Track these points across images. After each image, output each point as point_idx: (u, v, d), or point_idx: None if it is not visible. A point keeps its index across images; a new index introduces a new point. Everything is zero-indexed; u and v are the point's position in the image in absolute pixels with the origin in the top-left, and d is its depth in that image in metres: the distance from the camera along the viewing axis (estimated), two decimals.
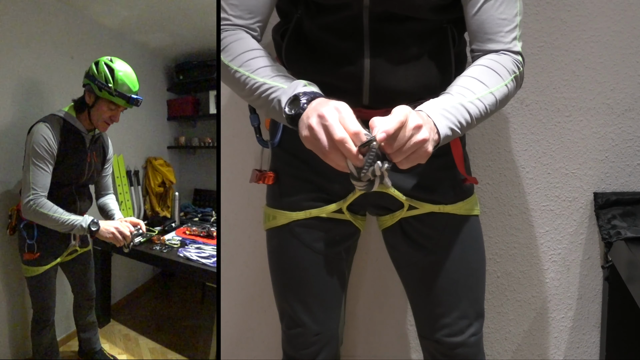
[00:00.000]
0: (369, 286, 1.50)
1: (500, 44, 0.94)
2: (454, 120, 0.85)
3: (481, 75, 0.91)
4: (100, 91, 1.62)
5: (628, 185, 1.40)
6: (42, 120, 1.63)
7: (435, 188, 1.05)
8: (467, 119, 0.87)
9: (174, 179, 3.31)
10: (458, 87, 0.90)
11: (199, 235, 2.36)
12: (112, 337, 2.52)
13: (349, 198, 1.05)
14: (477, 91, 0.89)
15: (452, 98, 0.88)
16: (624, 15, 1.32)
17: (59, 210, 1.59)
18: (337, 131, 0.75)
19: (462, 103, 0.87)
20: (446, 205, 1.05)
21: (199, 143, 3.49)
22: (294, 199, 1.06)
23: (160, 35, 2.90)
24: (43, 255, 1.74)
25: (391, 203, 1.05)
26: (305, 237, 1.06)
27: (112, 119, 1.70)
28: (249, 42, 0.94)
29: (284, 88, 0.87)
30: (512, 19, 0.94)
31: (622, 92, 1.35)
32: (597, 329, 1.46)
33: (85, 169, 1.76)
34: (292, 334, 1.10)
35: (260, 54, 0.93)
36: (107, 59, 1.66)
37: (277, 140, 1.08)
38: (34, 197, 1.56)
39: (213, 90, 3.21)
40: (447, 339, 1.06)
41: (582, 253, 1.44)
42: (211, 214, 3.01)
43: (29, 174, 1.58)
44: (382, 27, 0.95)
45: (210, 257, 2.00)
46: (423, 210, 1.04)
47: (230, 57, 0.93)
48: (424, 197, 1.04)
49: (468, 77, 0.91)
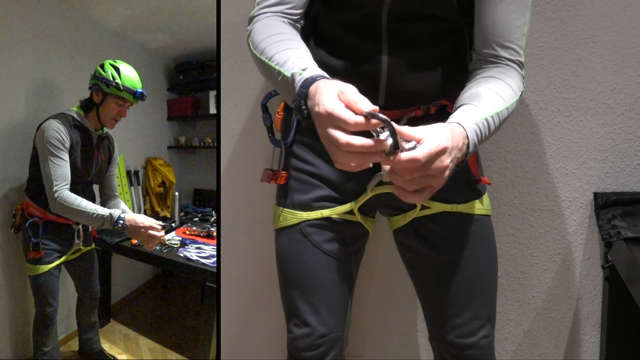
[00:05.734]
0: (378, 286, 1.51)
1: (512, 53, 0.94)
2: (479, 135, 0.83)
3: (500, 89, 0.90)
4: (109, 87, 1.72)
5: (628, 185, 1.40)
6: (53, 117, 1.68)
7: (448, 187, 1.03)
8: (486, 134, 0.86)
9: (174, 179, 3.31)
10: (483, 99, 0.88)
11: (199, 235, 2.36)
12: (112, 337, 2.52)
13: (361, 199, 1.04)
14: (498, 106, 0.88)
15: (479, 112, 0.85)
16: (624, 15, 1.32)
17: (84, 202, 1.60)
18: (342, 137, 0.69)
19: (486, 118, 0.85)
20: (459, 205, 1.04)
21: (199, 143, 3.49)
22: (306, 198, 1.05)
23: (160, 35, 2.90)
24: (47, 253, 1.75)
25: (403, 203, 1.04)
26: (315, 237, 1.04)
27: (120, 114, 1.80)
28: (272, 26, 0.92)
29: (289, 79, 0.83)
30: (521, 26, 0.94)
31: (622, 92, 1.35)
32: (597, 329, 1.46)
33: (93, 167, 1.82)
34: (298, 335, 1.08)
35: (279, 38, 0.90)
36: (111, 61, 1.78)
37: (290, 139, 1.07)
38: (58, 191, 1.59)
39: (213, 90, 3.21)
40: (459, 340, 1.05)
41: (582, 253, 1.44)
42: (211, 214, 3.01)
43: (48, 168, 1.61)
44: (401, 27, 0.94)
45: (210, 257, 2.00)
46: (436, 209, 1.04)
47: (253, 45, 0.92)
48: (436, 197, 1.01)
49: (491, 91, 0.89)
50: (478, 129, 0.83)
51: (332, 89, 0.73)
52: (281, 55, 0.87)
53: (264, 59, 0.89)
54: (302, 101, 0.78)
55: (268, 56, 0.89)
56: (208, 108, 3.28)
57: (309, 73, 0.81)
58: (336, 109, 0.69)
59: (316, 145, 1.03)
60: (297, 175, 1.07)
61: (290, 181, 1.07)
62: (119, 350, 2.39)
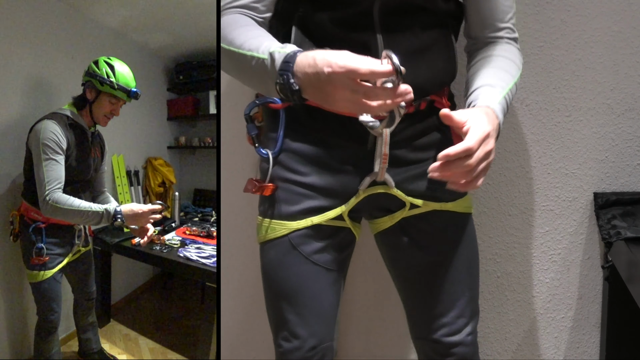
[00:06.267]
0: (367, 287, 1.50)
1: (509, 32, 1.04)
2: (503, 115, 0.90)
3: (507, 66, 0.98)
4: (102, 85, 1.69)
5: (628, 185, 1.40)
6: (47, 118, 1.64)
7: (436, 186, 1.02)
8: (506, 112, 0.92)
9: (174, 179, 3.31)
10: (497, 79, 0.94)
11: (199, 235, 2.36)
12: (112, 337, 2.52)
13: (352, 202, 1.02)
14: (509, 83, 0.95)
15: (497, 92, 0.92)
16: (624, 15, 1.32)
17: (76, 201, 1.56)
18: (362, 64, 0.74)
19: (504, 96, 0.92)
20: (447, 203, 1.04)
21: (199, 143, 3.49)
22: (295, 210, 1.02)
23: (160, 35, 2.90)
24: (51, 258, 1.72)
25: (392, 204, 1.05)
26: (305, 248, 1.02)
27: (113, 112, 1.78)
28: (238, 21, 0.93)
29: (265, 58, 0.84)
30: (512, 5, 1.04)
31: (622, 92, 1.35)
32: (597, 329, 1.46)
33: (92, 164, 1.80)
34: (288, 348, 1.05)
35: (247, 29, 0.90)
36: (106, 57, 1.75)
37: (277, 150, 1.03)
38: (49, 193, 1.53)
39: (213, 90, 3.21)
40: (446, 338, 1.06)
41: (582, 253, 1.44)
42: (211, 214, 3.01)
43: (41, 171, 1.56)
44: (393, 21, 0.94)
45: (210, 257, 2.00)
46: (426, 208, 1.04)
47: (225, 41, 0.92)
48: (426, 195, 1.03)
49: (500, 70, 0.97)
50: (501, 109, 0.90)
51: (331, 52, 0.77)
52: (253, 41, 0.87)
53: (234, 48, 0.89)
54: (289, 74, 0.79)
55: (237, 44, 0.88)
56: (208, 108, 3.28)
57: (290, 49, 0.82)
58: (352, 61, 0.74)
59: (305, 152, 1.01)
60: (284, 185, 1.03)
61: (278, 192, 1.04)
62: (119, 350, 2.39)
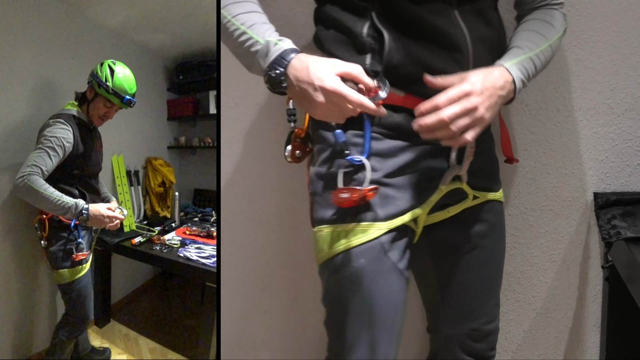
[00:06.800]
0: None
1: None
2: (525, 74, 0.92)
3: (542, 29, 1.00)
4: (99, 88, 1.75)
5: (628, 185, 1.40)
6: (60, 120, 1.67)
7: (491, 175, 1.07)
8: (533, 72, 0.95)
9: (174, 179, 3.31)
10: (525, 41, 0.97)
11: (199, 235, 2.36)
12: (112, 337, 2.52)
13: (434, 198, 0.98)
14: (540, 45, 0.98)
15: (522, 52, 0.95)
16: (624, 15, 1.32)
17: (50, 188, 1.55)
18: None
19: (531, 57, 0.95)
20: (496, 193, 1.07)
21: (199, 143, 3.49)
22: (386, 210, 0.94)
23: (160, 35, 2.90)
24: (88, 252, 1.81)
25: (452, 199, 1.03)
26: (392, 255, 0.94)
27: (107, 115, 1.83)
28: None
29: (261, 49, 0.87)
30: None
31: (622, 92, 1.35)
32: (597, 329, 1.46)
33: (99, 157, 1.89)
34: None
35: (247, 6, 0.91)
36: (111, 61, 1.81)
37: (367, 154, 0.94)
38: (29, 173, 1.52)
39: (213, 90, 3.21)
40: (485, 326, 1.07)
41: (582, 253, 1.44)
42: (211, 214, 3.01)
43: (32, 155, 1.57)
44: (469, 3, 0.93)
45: (210, 257, 2.00)
46: (483, 199, 1.05)
47: (226, 11, 0.92)
48: (485, 186, 1.05)
49: (533, 32, 0.99)
50: (523, 68, 0.92)
51: (325, 64, 0.84)
52: (251, 16, 0.89)
53: (227, 14, 0.90)
54: (281, 71, 0.83)
55: (232, 13, 0.90)
56: (208, 108, 3.28)
57: (287, 45, 0.86)
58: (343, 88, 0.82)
59: (387, 152, 0.95)
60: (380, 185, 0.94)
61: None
62: (119, 350, 2.39)
